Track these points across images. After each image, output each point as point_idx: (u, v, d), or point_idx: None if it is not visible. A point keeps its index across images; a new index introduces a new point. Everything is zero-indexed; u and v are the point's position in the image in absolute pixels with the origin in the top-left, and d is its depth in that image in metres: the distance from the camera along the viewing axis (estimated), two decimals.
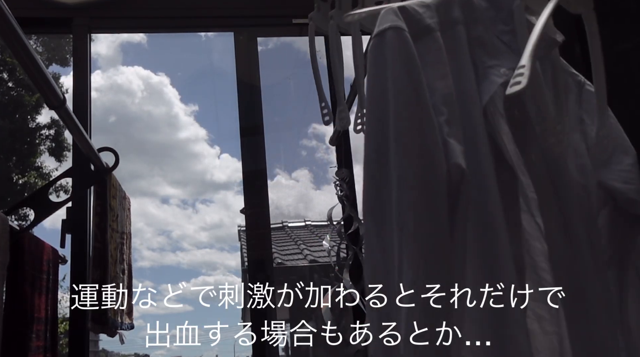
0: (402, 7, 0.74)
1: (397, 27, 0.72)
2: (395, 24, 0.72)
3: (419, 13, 0.75)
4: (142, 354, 6.11)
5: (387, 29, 0.72)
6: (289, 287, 3.41)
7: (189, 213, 10.58)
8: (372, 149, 0.70)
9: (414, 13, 0.74)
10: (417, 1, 0.77)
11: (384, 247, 0.67)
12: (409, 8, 0.75)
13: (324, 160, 5.26)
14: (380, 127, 0.70)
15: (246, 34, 2.10)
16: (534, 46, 0.67)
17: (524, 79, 0.63)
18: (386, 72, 0.71)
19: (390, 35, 0.72)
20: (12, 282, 1.27)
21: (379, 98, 0.71)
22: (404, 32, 0.72)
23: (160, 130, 10.31)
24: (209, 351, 4.49)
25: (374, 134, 0.71)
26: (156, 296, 1.28)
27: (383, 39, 0.72)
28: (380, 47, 0.72)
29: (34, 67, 1.09)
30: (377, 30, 0.73)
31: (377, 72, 0.72)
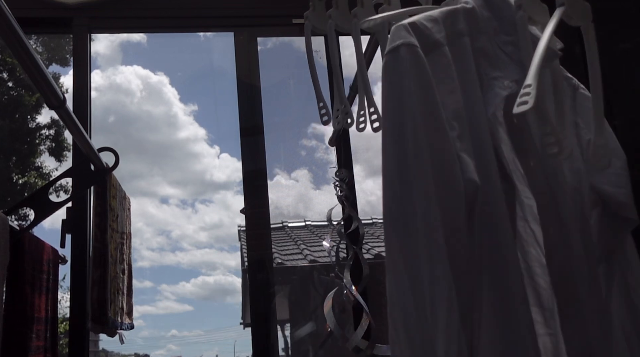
0: (412, 23, 0.76)
1: (409, 43, 0.73)
2: (407, 41, 0.73)
3: (428, 28, 0.76)
4: (142, 354, 6.09)
5: (400, 46, 0.73)
6: (289, 287, 3.41)
7: (188, 213, 10.59)
8: (393, 165, 0.71)
9: (424, 28, 0.76)
10: (425, 15, 0.78)
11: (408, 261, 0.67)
12: (419, 23, 0.76)
13: (324, 160, 5.26)
14: (400, 143, 0.71)
15: (246, 34, 2.10)
16: (538, 64, 0.68)
17: (530, 99, 0.64)
18: (402, 89, 0.72)
19: (404, 51, 0.73)
20: (12, 282, 1.27)
21: (396, 116, 0.72)
22: (417, 48, 0.73)
23: (160, 130, 10.32)
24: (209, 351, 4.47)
25: (392, 150, 0.72)
26: (156, 296, 1.28)
27: (397, 55, 0.73)
28: (394, 64, 0.73)
29: (34, 67, 1.09)
30: (390, 47, 0.74)
31: (393, 89, 0.73)
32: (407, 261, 0.67)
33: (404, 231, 0.69)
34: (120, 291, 1.67)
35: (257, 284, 1.92)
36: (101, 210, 1.59)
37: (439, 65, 0.75)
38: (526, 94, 0.65)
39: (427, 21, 0.77)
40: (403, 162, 0.70)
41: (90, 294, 1.55)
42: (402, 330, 0.65)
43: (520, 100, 0.65)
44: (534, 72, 0.67)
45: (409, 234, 0.68)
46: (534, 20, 0.85)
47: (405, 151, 0.70)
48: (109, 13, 2.02)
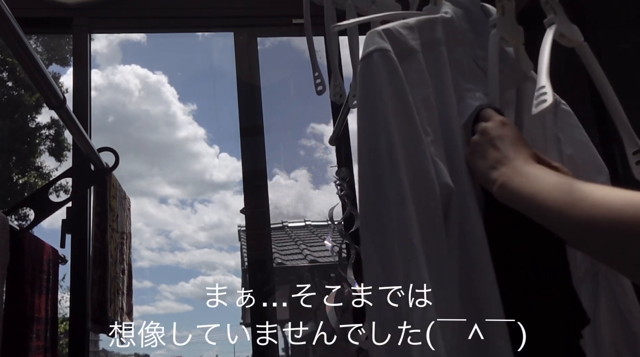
0: (386, 30, 0.76)
1: (383, 48, 0.73)
2: (381, 46, 0.74)
3: (402, 35, 0.76)
4: (142, 354, 6.12)
5: (373, 51, 0.74)
6: (289, 287, 3.43)
7: (187, 213, 10.57)
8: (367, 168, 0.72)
9: (398, 35, 0.76)
10: (401, 22, 0.79)
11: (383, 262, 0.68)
12: (393, 30, 0.76)
13: (323, 160, 5.25)
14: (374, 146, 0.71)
15: (246, 34, 2.10)
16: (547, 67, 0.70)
17: (549, 97, 0.65)
18: (375, 94, 0.72)
19: (377, 56, 0.73)
20: (12, 282, 1.27)
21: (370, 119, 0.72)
22: (390, 53, 0.74)
23: (159, 129, 10.30)
24: (209, 351, 4.48)
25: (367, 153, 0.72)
26: (156, 296, 1.28)
27: (370, 60, 0.74)
28: (368, 69, 0.74)
29: (34, 67, 1.09)
30: (364, 53, 0.75)
31: (367, 93, 0.74)
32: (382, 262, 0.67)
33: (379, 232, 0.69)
34: (120, 291, 1.67)
35: (257, 284, 1.92)
36: (101, 210, 1.59)
37: (413, 72, 0.76)
38: (542, 93, 0.66)
39: (402, 28, 0.77)
40: (377, 165, 0.70)
41: (90, 294, 1.55)
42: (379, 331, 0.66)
43: (538, 100, 0.65)
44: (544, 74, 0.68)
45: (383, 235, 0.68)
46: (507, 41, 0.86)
47: (378, 154, 0.70)
48: (109, 13, 2.03)
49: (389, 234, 0.68)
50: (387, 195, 0.69)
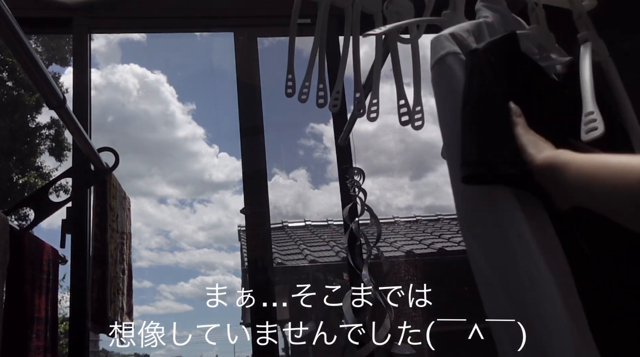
0: (452, 34, 0.79)
1: (454, 52, 0.77)
2: (452, 49, 0.77)
3: (464, 38, 0.79)
4: (142, 354, 6.11)
5: (446, 55, 0.77)
6: (289, 287, 3.41)
7: (187, 213, 10.57)
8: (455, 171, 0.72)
9: (461, 38, 0.79)
10: (459, 27, 0.82)
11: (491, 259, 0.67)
12: (457, 34, 0.80)
13: (322, 160, 5.25)
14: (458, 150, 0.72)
15: (246, 34, 2.10)
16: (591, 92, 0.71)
17: (600, 125, 0.66)
18: (456, 96, 0.74)
19: (451, 59, 0.76)
20: (12, 282, 1.27)
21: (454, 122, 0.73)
22: (461, 55, 0.76)
23: (158, 129, 10.29)
24: (209, 351, 4.48)
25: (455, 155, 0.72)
26: (155, 296, 1.28)
27: (444, 64, 0.77)
28: (444, 73, 0.77)
29: (34, 67, 1.09)
30: (436, 58, 0.78)
31: (447, 95, 0.76)
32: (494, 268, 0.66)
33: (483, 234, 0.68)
34: (120, 291, 1.67)
35: (257, 284, 1.92)
36: (101, 210, 1.59)
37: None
38: (592, 120, 0.67)
39: (462, 32, 0.80)
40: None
41: (90, 294, 1.55)
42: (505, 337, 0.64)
43: (588, 127, 0.67)
44: (591, 100, 0.70)
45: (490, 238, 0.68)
46: (545, 47, 0.89)
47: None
48: (109, 13, 2.02)
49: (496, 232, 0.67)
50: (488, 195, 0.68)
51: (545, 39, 0.90)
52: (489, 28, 0.85)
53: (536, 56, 0.87)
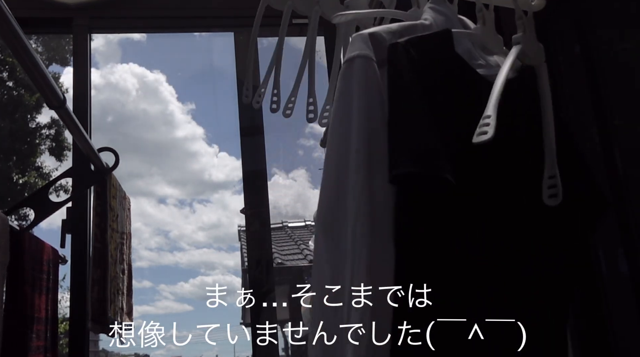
0: (371, 34, 0.77)
1: (365, 55, 0.74)
2: (363, 52, 0.74)
3: (386, 40, 0.77)
4: (142, 354, 6.11)
5: (355, 57, 0.75)
6: (289, 287, 3.41)
7: (186, 213, 10.57)
8: (332, 173, 0.73)
9: (382, 40, 0.77)
10: (385, 27, 0.80)
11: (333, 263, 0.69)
12: (377, 34, 0.77)
13: (322, 160, 5.26)
14: (342, 152, 0.72)
15: (246, 34, 2.10)
16: (497, 96, 0.69)
17: (490, 129, 0.65)
18: (352, 102, 0.73)
19: (358, 63, 0.74)
20: (12, 282, 1.27)
21: (342, 125, 0.73)
22: (371, 61, 0.74)
23: (157, 129, 10.29)
24: (209, 351, 4.49)
25: (335, 156, 0.73)
26: (155, 296, 1.28)
27: (351, 66, 0.75)
28: (348, 75, 0.75)
29: (34, 67, 1.09)
30: (346, 57, 0.76)
31: (343, 100, 0.74)
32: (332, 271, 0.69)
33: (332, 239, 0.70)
34: (120, 291, 1.67)
35: (257, 284, 1.92)
36: (101, 210, 1.59)
37: None
38: (485, 124, 0.66)
39: (386, 33, 0.78)
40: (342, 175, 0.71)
41: (90, 294, 1.55)
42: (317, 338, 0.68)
43: (480, 130, 0.65)
44: (493, 103, 0.68)
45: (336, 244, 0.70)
46: (490, 50, 0.88)
47: (345, 164, 0.71)
48: (109, 13, 2.02)
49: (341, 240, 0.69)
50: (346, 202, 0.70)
51: (491, 40, 0.87)
52: (425, 30, 0.83)
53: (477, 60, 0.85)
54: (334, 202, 0.71)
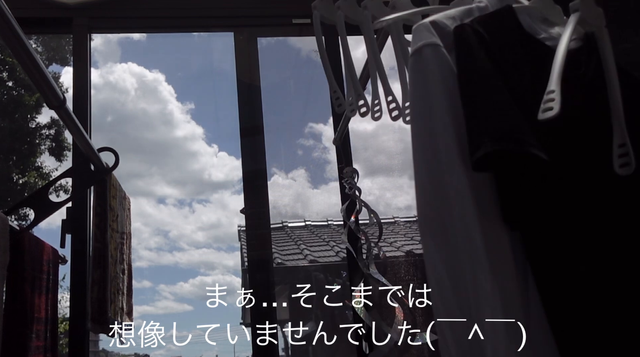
0: (433, 22, 0.76)
1: (432, 43, 0.73)
2: (430, 41, 0.74)
3: (448, 26, 0.76)
4: (142, 354, 6.11)
5: (423, 47, 0.74)
6: (289, 287, 3.41)
7: (186, 213, 10.56)
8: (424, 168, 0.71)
9: (444, 27, 0.76)
10: (444, 14, 0.78)
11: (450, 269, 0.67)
12: (439, 22, 0.76)
13: (322, 160, 5.25)
14: (429, 145, 0.71)
15: (246, 34, 2.10)
16: (559, 70, 0.68)
17: (555, 105, 0.63)
18: (428, 91, 0.72)
19: (427, 52, 0.73)
20: (12, 282, 1.27)
21: (425, 117, 0.72)
22: (440, 47, 0.73)
23: (157, 128, 10.28)
24: (209, 351, 4.49)
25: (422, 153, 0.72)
26: (155, 296, 1.28)
27: (420, 56, 0.73)
28: (419, 66, 0.74)
29: (34, 67, 1.09)
30: (413, 48, 0.75)
31: (419, 91, 0.73)
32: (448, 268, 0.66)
33: (441, 234, 0.67)
34: (120, 291, 1.67)
35: (257, 284, 1.92)
36: (101, 210, 1.59)
37: None
38: (550, 99, 0.64)
39: (446, 19, 0.77)
40: (433, 165, 0.70)
41: (90, 294, 1.55)
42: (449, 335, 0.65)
43: (545, 106, 0.64)
44: (556, 78, 0.67)
45: (446, 238, 0.67)
46: (551, 21, 0.85)
47: (435, 153, 0.70)
48: (109, 13, 2.02)
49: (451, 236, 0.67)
50: (447, 194, 0.68)
51: (550, 11, 0.85)
52: (481, 12, 0.81)
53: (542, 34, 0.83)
54: (433, 197, 0.69)
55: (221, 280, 8.45)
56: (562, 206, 0.71)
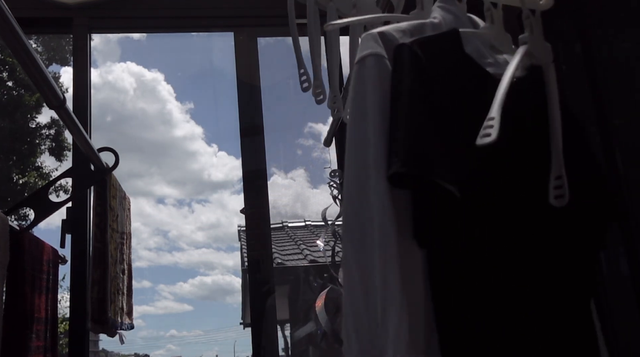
0: (381, 33, 0.76)
1: (376, 54, 0.74)
2: (375, 51, 0.74)
3: (396, 39, 0.77)
4: (142, 354, 6.09)
5: (367, 56, 0.75)
6: (289, 287, 3.42)
7: (185, 213, 10.56)
8: (352, 174, 0.72)
9: (392, 38, 0.77)
10: (394, 26, 0.80)
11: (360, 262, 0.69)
12: (387, 33, 0.77)
13: (321, 160, 5.25)
14: (361, 155, 0.72)
15: (246, 34, 2.10)
16: (502, 98, 0.69)
17: (494, 132, 0.64)
18: (366, 100, 0.73)
19: (370, 62, 0.74)
20: (12, 282, 1.27)
21: (359, 126, 0.73)
22: (384, 59, 0.74)
23: (156, 128, 10.27)
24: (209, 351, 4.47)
25: (354, 161, 0.73)
26: (154, 296, 1.28)
27: (363, 65, 0.75)
28: (360, 75, 0.75)
29: (34, 67, 1.09)
30: (358, 56, 0.76)
31: (357, 99, 0.74)
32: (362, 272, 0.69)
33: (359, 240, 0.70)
34: (120, 291, 1.67)
35: (257, 284, 1.92)
36: (101, 210, 1.59)
37: None
38: (489, 126, 0.65)
39: (395, 32, 0.78)
40: (361, 172, 0.71)
41: (90, 294, 1.55)
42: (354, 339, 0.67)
43: (483, 132, 0.65)
44: (498, 106, 0.68)
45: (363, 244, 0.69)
46: (499, 49, 0.87)
47: (364, 161, 0.71)
48: (109, 13, 2.02)
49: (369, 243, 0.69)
50: (369, 201, 0.70)
51: (499, 39, 0.87)
52: (435, 29, 0.82)
53: (486, 59, 0.85)
54: (357, 205, 0.71)
55: (221, 280, 8.46)
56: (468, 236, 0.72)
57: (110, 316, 1.53)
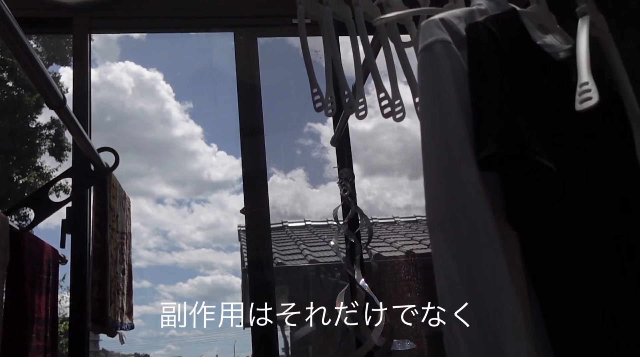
0: (442, 19, 0.76)
1: (443, 40, 0.73)
2: (441, 37, 0.74)
3: (455, 25, 0.76)
4: (142, 354, 6.10)
5: (434, 42, 0.74)
6: (289, 287, 3.41)
7: (184, 212, 10.56)
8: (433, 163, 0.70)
9: (452, 25, 0.76)
10: (450, 13, 0.79)
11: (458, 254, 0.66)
12: (447, 20, 0.76)
13: (320, 160, 5.25)
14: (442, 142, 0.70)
15: (246, 34, 2.10)
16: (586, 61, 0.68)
17: (594, 94, 0.64)
18: (439, 87, 0.72)
19: (438, 48, 0.73)
20: (12, 282, 1.27)
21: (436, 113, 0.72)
22: (450, 44, 0.73)
23: (155, 127, 10.27)
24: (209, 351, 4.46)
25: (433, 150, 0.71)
26: (154, 296, 1.28)
27: (431, 52, 0.73)
28: (429, 62, 0.74)
29: (34, 67, 1.09)
30: (424, 44, 0.74)
31: (429, 87, 0.73)
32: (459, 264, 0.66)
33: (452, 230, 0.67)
34: (120, 291, 1.67)
35: (257, 284, 1.92)
36: (101, 210, 1.59)
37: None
38: (587, 90, 0.64)
39: (453, 18, 0.77)
40: (445, 161, 0.69)
41: (90, 294, 1.55)
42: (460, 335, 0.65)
43: (582, 97, 0.64)
44: (586, 70, 0.67)
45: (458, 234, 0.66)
46: (546, 28, 0.87)
47: (447, 149, 0.69)
48: (109, 13, 2.02)
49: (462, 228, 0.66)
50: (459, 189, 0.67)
51: (546, 19, 0.87)
52: (482, 15, 0.82)
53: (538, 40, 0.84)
54: (444, 197, 0.69)
55: (220, 280, 8.46)
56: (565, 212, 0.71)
57: (111, 316, 1.53)
